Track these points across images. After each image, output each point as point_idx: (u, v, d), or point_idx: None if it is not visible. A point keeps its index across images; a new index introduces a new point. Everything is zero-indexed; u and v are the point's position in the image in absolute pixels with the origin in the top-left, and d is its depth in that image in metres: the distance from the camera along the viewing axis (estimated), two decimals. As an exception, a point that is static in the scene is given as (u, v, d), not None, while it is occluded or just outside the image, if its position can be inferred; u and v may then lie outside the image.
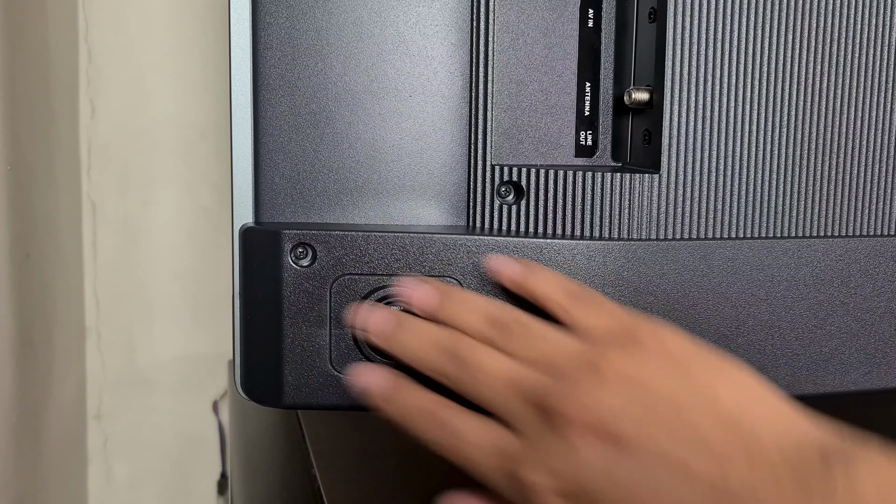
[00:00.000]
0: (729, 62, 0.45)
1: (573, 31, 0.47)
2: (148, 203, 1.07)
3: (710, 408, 0.35)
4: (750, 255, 0.46)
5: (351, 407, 0.46)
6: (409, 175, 0.46)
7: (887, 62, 0.47)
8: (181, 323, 1.10)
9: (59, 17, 0.97)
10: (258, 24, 0.44)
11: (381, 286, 0.44)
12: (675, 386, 0.36)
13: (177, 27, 1.04)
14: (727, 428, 0.34)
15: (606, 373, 0.37)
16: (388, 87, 0.45)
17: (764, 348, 0.47)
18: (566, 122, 0.47)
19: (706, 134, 0.45)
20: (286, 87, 0.45)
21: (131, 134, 1.04)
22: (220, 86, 1.04)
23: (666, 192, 0.45)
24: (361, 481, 0.54)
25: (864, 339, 0.49)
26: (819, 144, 0.47)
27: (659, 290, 0.46)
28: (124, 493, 1.12)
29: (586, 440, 0.36)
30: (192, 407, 1.12)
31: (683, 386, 0.36)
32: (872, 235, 0.48)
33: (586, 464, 0.36)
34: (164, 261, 1.08)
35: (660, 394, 0.36)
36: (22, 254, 0.85)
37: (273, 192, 0.45)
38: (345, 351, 0.45)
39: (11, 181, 0.82)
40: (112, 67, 1.03)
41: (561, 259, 0.45)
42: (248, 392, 0.46)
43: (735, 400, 0.35)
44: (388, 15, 0.45)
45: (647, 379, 0.37)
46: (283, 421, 0.69)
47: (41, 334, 0.92)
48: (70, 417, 1.04)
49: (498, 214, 0.46)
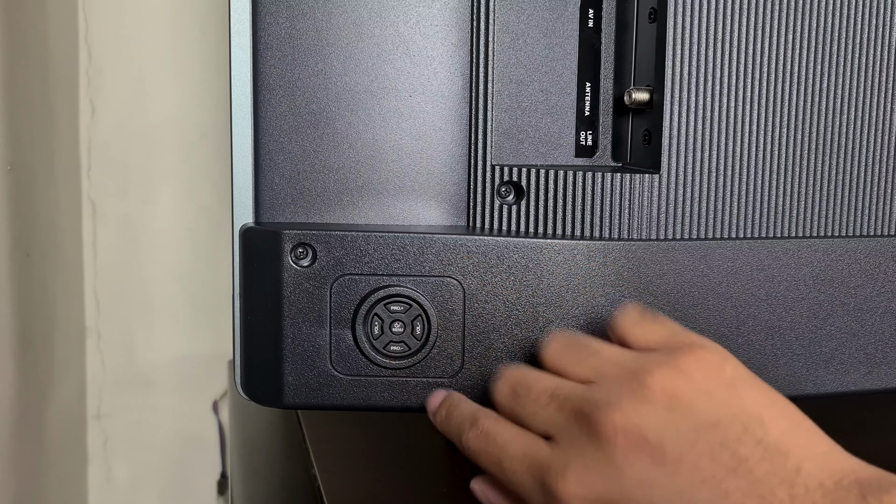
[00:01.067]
0: (729, 62, 0.45)
1: (573, 31, 0.47)
2: (148, 203, 1.07)
3: (755, 437, 0.35)
4: (750, 255, 0.46)
5: (351, 407, 0.46)
6: (409, 175, 0.46)
7: (887, 62, 0.47)
8: (181, 323, 1.10)
9: (59, 17, 0.97)
10: (258, 24, 0.44)
11: (381, 286, 0.44)
12: (722, 411, 0.36)
13: (177, 27, 1.04)
14: (772, 459, 0.34)
15: (653, 388, 0.36)
16: (388, 87, 0.45)
17: (764, 348, 0.47)
18: (566, 122, 0.47)
19: (706, 134, 0.45)
20: (286, 87, 0.45)
21: (131, 134, 1.04)
22: (220, 86, 1.04)
23: (666, 192, 0.45)
24: (361, 481, 0.54)
25: (864, 339, 0.49)
26: (819, 144, 0.47)
27: (659, 290, 0.45)
28: (124, 493, 1.12)
29: (626, 453, 0.35)
30: (192, 407, 1.12)
31: (731, 411, 0.36)
32: (872, 235, 0.48)
33: (623, 477, 0.35)
34: (164, 261, 1.08)
35: (706, 417, 0.35)
36: (22, 254, 0.85)
37: (273, 192, 0.45)
38: (345, 351, 0.45)
39: (11, 181, 0.82)
40: (112, 67, 1.03)
41: (561, 259, 0.45)
42: (248, 392, 0.46)
43: (780, 430, 0.35)
44: (388, 15, 0.45)
45: (693, 400, 0.36)
46: (283, 421, 0.69)
47: (41, 334, 0.92)
48: (70, 417, 1.04)
49: (498, 214, 0.46)
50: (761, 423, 0.35)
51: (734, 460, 0.34)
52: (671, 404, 0.36)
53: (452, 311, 0.45)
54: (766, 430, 0.35)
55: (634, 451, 0.35)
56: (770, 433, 0.35)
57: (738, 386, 0.37)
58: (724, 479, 0.34)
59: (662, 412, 0.36)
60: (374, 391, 0.45)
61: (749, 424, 0.35)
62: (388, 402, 0.45)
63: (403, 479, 0.54)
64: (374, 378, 0.45)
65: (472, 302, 0.45)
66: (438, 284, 0.45)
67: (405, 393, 0.45)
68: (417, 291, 0.44)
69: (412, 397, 0.45)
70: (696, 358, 0.37)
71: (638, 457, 0.35)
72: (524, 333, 0.45)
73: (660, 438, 0.35)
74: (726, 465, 0.34)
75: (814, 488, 0.33)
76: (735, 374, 0.37)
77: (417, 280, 0.44)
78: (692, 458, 0.35)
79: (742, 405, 0.36)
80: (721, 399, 0.36)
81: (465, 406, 0.42)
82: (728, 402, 0.36)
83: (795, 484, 0.33)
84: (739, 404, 0.36)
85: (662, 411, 0.36)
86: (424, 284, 0.44)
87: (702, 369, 0.37)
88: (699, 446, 0.35)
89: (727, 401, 0.36)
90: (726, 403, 0.36)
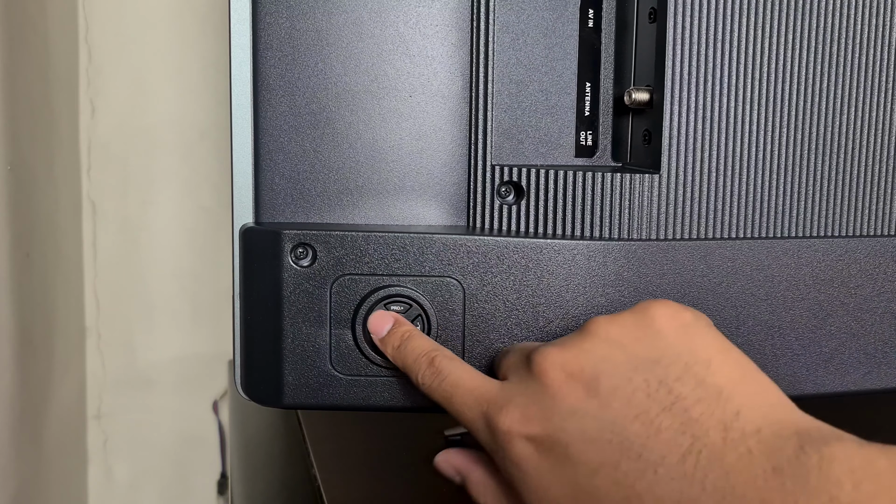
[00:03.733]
0: (729, 62, 0.45)
1: (573, 31, 0.47)
2: (148, 203, 1.07)
3: (697, 377, 0.35)
4: (750, 255, 0.46)
5: (351, 407, 0.46)
6: (409, 175, 0.46)
7: (887, 62, 0.47)
8: (181, 323, 1.10)
9: (59, 17, 0.97)
10: (258, 24, 0.44)
11: (381, 286, 0.44)
12: (667, 349, 0.36)
13: (177, 27, 1.04)
14: (711, 401, 0.34)
15: (595, 331, 0.37)
16: (388, 87, 0.45)
17: (764, 348, 0.47)
18: (566, 122, 0.47)
19: (706, 134, 0.45)
20: (286, 87, 0.45)
21: (131, 134, 1.05)
22: (220, 86, 1.04)
23: (666, 192, 0.45)
24: (361, 481, 0.54)
25: (864, 339, 0.49)
26: (819, 145, 0.47)
27: (659, 290, 0.45)
28: (124, 493, 1.12)
29: (560, 384, 0.36)
30: (192, 407, 1.12)
31: (675, 350, 0.36)
32: (872, 235, 0.48)
33: (557, 408, 0.35)
34: (164, 261, 1.08)
35: (647, 353, 0.36)
36: (22, 254, 0.85)
37: (273, 192, 0.45)
38: (345, 351, 0.45)
39: (11, 181, 0.82)
40: (112, 67, 1.03)
41: (561, 259, 0.45)
42: (248, 392, 0.46)
43: (727, 376, 0.35)
44: (388, 15, 0.45)
45: (640, 337, 0.36)
46: (283, 421, 0.69)
47: (41, 334, 0.92)
48: (70, 417, 1.04)
49: (498, 214, 0.46)
50: (707, 365, 0.35)
51: (670, 398, 0.34)
52: (615, 340, 0.36)
53: (452, 311, 0.45)
54: (710, 373, 0.35)
55: (569, 382, 0.36)
56: (714, 376, 0.35)
57: (693, 331, 0.36)
58: (658, 416, 0.34)
59: (604, 346, 0.36)
60: (374, 391, 0.45)
61: (693, 365, 0.35)
62: (388, 402, 0.45)
63: (403, 479, 0.54)
64: (374, 378, 0.45)
65: (472, 302, 0.45)
66: (438, 284, 0.45)
67: (405, 393, 0.45)
68: (417, 291, 0.44)
69: (412, 397, 0.45)
70: (658, 303, 0.37)
71: (572, 387, 0.36)
72: (524, 333, 0.45)
73: (595, 370, 0.36)
74: (661, 401, 0.34)
75: (750, 433, 0.33)
76: (693, 321, 0.37)
77: (417, 280, 0.44)
78: (627, 391, 0.35)
79: (691, 347, 0.36)
80: (669, 339, 0.36)
81: (421, 341, 0.42)
82: (676, 342, 0.36)
83: (731, 428, 0.33)
84: (688, 345, 0.36)
85: (604, 346, 0.36)
86: (424, 284, 0.44)
87: (660, 314, 0.37)
88: (636, 381, 0.35)
89: (675, 341, 0.36)
90: (673, 343, 0.36)
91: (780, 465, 0.31)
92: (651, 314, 0.37)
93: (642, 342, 0.36)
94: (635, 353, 0.36)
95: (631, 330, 0.37)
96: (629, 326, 0.37)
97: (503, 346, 0.45)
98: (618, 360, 0.36)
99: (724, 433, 0.33)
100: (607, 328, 0.37)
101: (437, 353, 0.41)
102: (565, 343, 0.37)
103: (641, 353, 0.36)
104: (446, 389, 0.39)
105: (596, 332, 0.37)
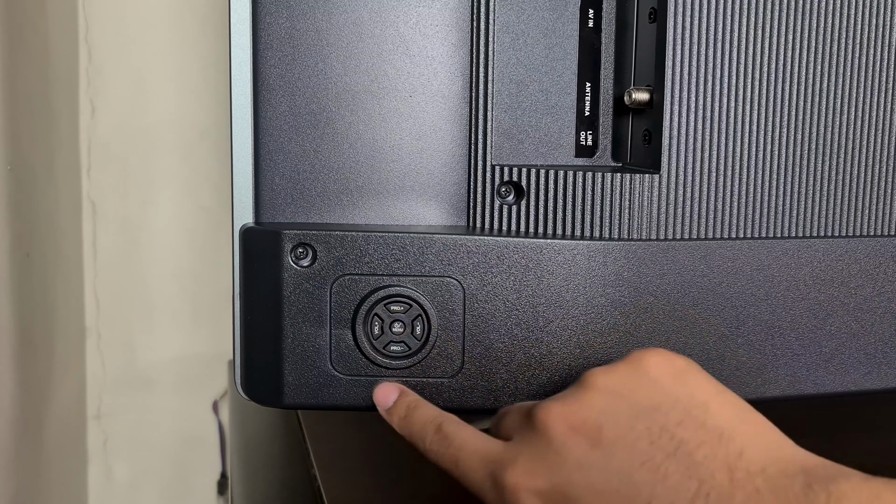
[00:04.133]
0: (729, 62, 0.45)
1: (573, 31, 0.47)
2: (148, 203, 1.07)
3: (697, 420, 0.35)
4: (750, 255, 0.46)
5: (351, 407, 0.46)
6: (409, 175, 0.46)
7: (887, 62, 0.47)
8: (181, 323, 1.10)
9: (59, 17, 0.97)
10: (258, 24, 0.44)
11: (381, 286, 0.44)
12: (665, 396, 0.36)
13: (177, 27, 1.04)
14: (713, 443, 0.34)
15: (593, 384, 0.37)
16: (388, 87, 0.45)
17: (764, 348, 0.47)
18: (566, 122, 0.47)
19: (706, 134, 0.45)
20: (286, 87, 0.45)
21: (131, 134, 1.04)
22: (220, 86, 1.04)
23: (666, 192, 0.45)
24: (361, 481, 0.54)
25: (864, 339, 0.49)
26: (819, 145, 0.47)
27: (659, 290, 0.46)
28: (124, 493, 1.12)
29: (565, 437, 0.36)
30: (192, 407, 1.12)
31: (673, 396, 0.36)
32: (872, 235, 0.48)
33: (564, 462, 0.36)
34: (164, 261, 1.08)
35: (647, 401, 0.36)
36: (22, 254, 0.85)
37: (273, 192, 0.45)
38: (345, 351, 0.45)
39: (11, 181, 0.82)
40: (112, 67, 1.03)
41: (561, 259, 0.45)
42: (248, 392, 0.46)
43: (725, 416, 0.35)
44: (388, 15, 0.45)
45: (637, 386, 0.37)
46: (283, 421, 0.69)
47: (41, 334, 0.92)
48: (70, 417, 1.04)
49: (498, 214, 0.46)
50: (706, 408, 0.36)
51: (673, 443, 0.35)
52: (613, 391, 0.37)
53: (452, 311, 0.45)
54: (709, 415, 0.35)
55: (573, 435, 0.36)
56: (714, 418, 0.35)
57: (687, 376, 0.37)
58: (663, 462, 0.34)
59: (603, 398, 0.37)
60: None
61: (692, 409, 0.35)
62: (388, 402, 0.45)
63: (403, 479, 0.54)
64: (374, 378, 0.45)
65: (472, 302, 0.45)
66: (438, 284, 0.45)
67: (405, 393, 0.45)
68: (417, 291, 0.44)
69: (412, 397, 0.45)
70: (651, 352, 0.38)
71: (576, 440, 0.36)
72: (524, 333, 0.45)
73: (598, 422, 0.36)
74: (665, 448, 0.35)
75: (756, 472, 0.33)
76: (686, 367, 0.38)
77: (417, 280, 0.44)
78: (630, 440, 0.35)
79: (688, 392, 0.36)
80: (666, 386, 0.37)
81: (427, 410, 0.43)
82: (672, 388, 0.36)
83: (737, 468, 0.33)
84: (685, 391, 0.36)
85: (603, 397, 0.37)
86: (424, 284, 0.44)
87: (654, 362, 0.37)
88: (638, 429, 0.35)
89: (672, 387, 0.36)
90: (670, 390, 0.36)
91: (787, 501, 0.32)
92: (645, 364, 0.38)
93: (640, 391, 0.37)
94: (635, 402, 0.36)
95: (628, 380, 0.37)
96: (625, 376, 0.37)
97: (503, 346, 0.45)
98: (619, 411, 0.36)
99: (729, 474, 0.33)
100: (605, 380, 0.37)
101: (443, 420, 0.41)
102: (566, 397, 0.38)
103: (641, 402, 0.36)
104: (452, 454, 0.40)
105: (594, 385, 0.37)
